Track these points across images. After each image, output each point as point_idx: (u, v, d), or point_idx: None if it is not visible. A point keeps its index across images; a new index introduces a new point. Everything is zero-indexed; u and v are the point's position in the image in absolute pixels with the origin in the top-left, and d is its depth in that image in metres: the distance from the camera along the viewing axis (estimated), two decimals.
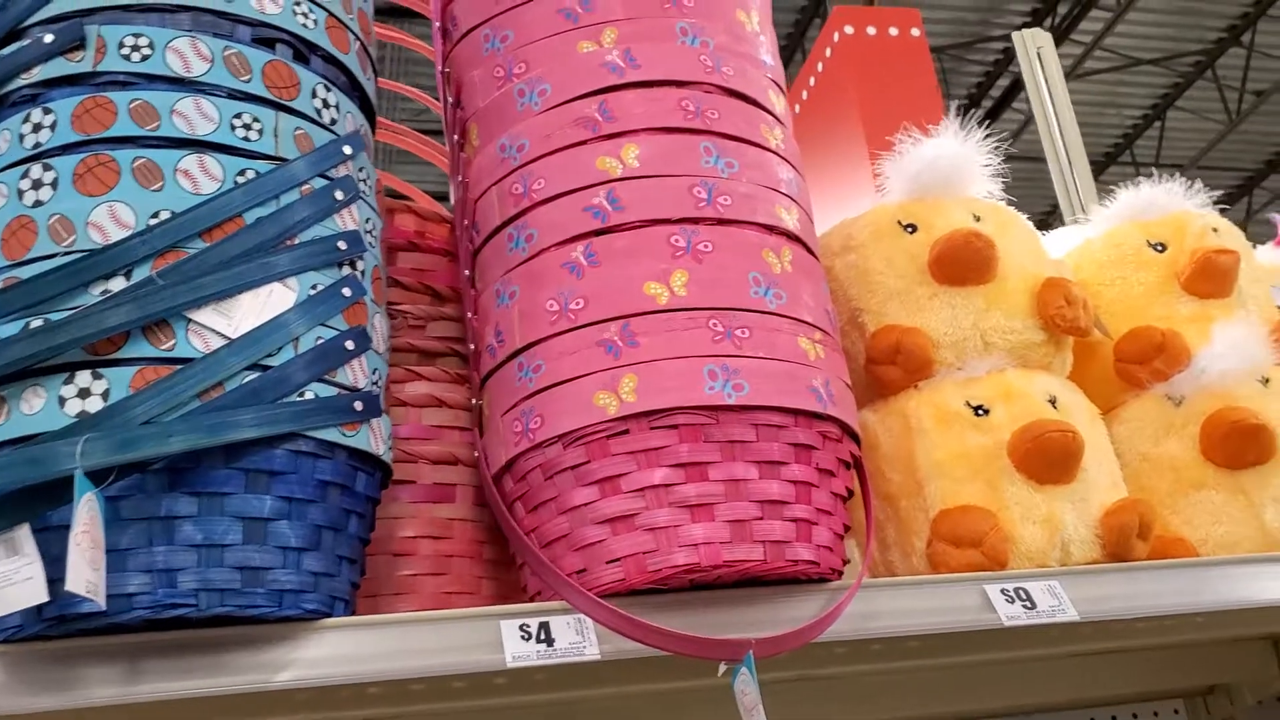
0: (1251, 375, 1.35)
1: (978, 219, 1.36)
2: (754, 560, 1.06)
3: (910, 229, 1.35)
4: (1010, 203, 1.41)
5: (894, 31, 5.05)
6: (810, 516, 1.10)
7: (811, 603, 1.09)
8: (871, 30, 5.04)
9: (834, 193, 4.59)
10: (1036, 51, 2.33)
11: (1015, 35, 2.45)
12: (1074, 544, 1.20)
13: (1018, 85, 9.42)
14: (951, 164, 1.36)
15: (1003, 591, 1.14)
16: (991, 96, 9.59)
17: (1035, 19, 8.89)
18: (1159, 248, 1.48)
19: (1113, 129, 10.31)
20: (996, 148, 1.38)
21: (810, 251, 1.21)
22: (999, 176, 1.39)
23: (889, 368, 1.30)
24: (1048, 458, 1.19)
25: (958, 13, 8.17)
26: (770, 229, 1.17)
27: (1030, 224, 1.42)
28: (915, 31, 5.08)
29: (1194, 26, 9.08)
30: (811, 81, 5.31)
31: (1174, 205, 1.52)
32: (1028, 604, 1.14)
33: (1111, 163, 10.53)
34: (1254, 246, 1.64)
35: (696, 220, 1.13)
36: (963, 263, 1.29)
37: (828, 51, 5.18)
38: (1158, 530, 1.34)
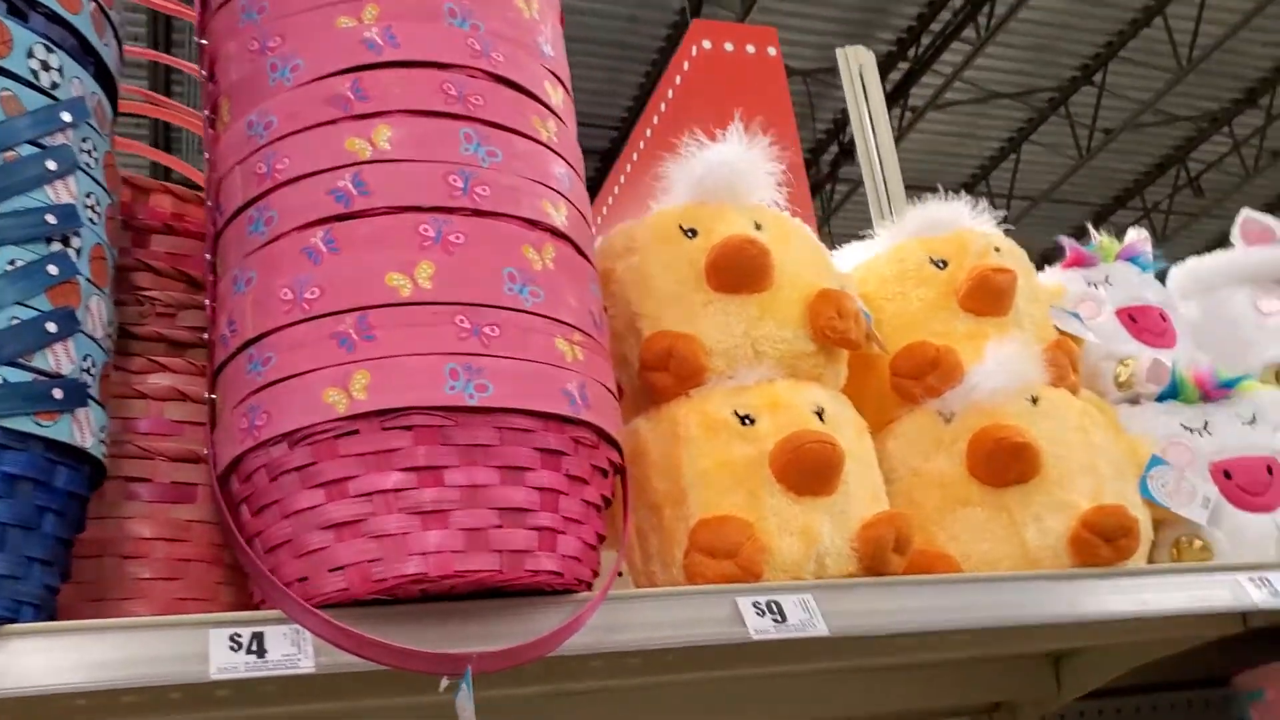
0: (1021, 394, 1.37)
1: (759, 227, 1.34)
2: (489, 570, 1.00)
3: (691, 234, 1.32)
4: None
5: (751, 49, 5.10)
6: (556, 525, 1.05)
7: (552, 615, 1.05)
8: (729, 46, 5.07)
9: None
10: (858, 69, 2.36)
11: (838, 52, 2.47)
12: (830, 557, 1.18)
13: None
14: (735, 170, 1.33)
15: (754, 604, 1.11)
16: None
17: (900, 48, 9.15)
18: (940, 264, 1.49)
19: (971, 159, 10.68)
20: (780, 156, 1.37)
21: (580, 251, 1.17)
22: (782, 186, 1.37)
23: (661, 374, 1.26)
24: (806, 469, 1.18)
25: (824, 38, 8.34)
26: (533, 224, 1.12)
27: (814, 235, 1.41)
28: (772, 50, 5.14)
29: (1049, 64, 9.48)
30: (670, 94, 5.32)
31: (959, 223, 1.53)
32: (778, 617, 1.11)
33: (969, 192, 10.87)
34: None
35: (450, 210, 1.08)
36: (736, 269, 1.27)
37: (685, 65, 5.20)
38: (923, 546, 1.34)
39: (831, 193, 10.49)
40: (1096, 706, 1.92)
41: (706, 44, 5.04)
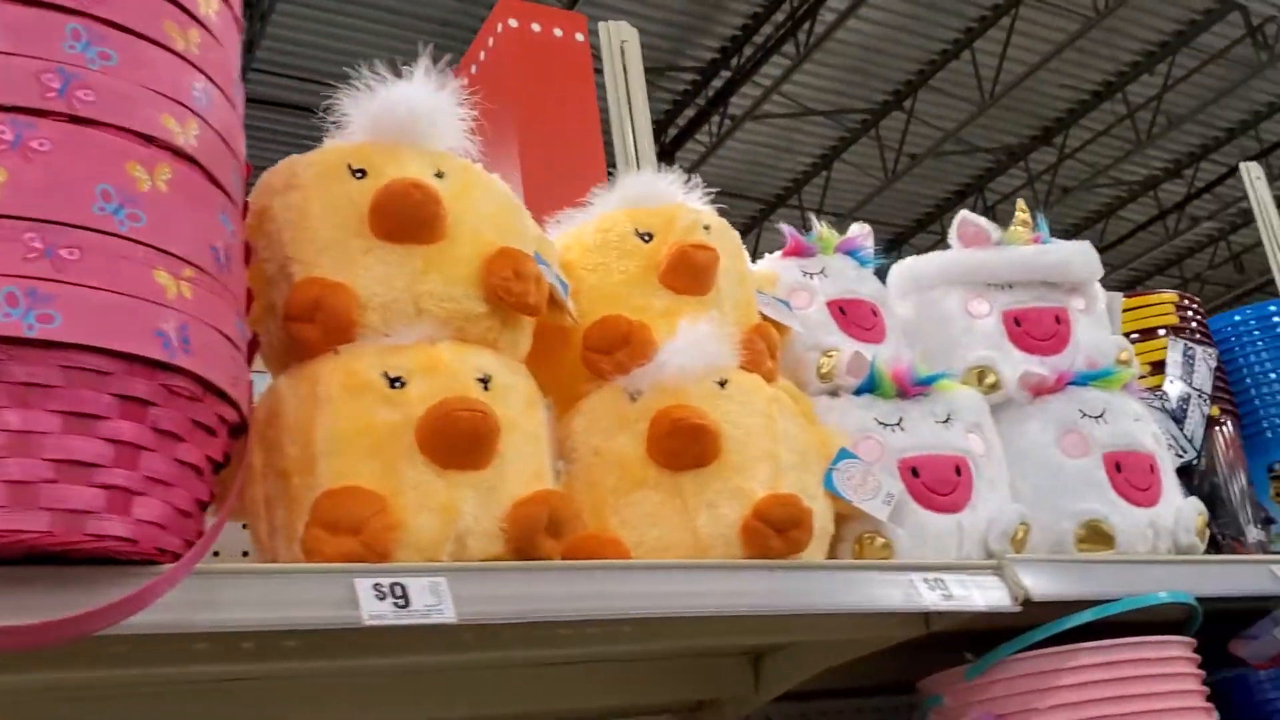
0: (709, 375, 1.30)
1: (440, 175, 1.22)
2: (36, 531, 0.86)
3: (360, 174, 1.20)
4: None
5: (558, 33, 5.00)
6: (133, 485, 0.91)
7: (119, 588, 0.90)
8: (536, 27, 4.96)
9: None
10: (619, 45, 2.29)
11: (601, 25, 2.40)
12: (472, 537, 1.08)
13: (703, 117, 9.78)
14: (415, 110, 1.22)
15: (375, 586, 1.00)
16: (677, 125, 9.87)
17: (723, 56, 9.25)
18: (646, 237, 1.41)
19: (786, 172, 10.89)
20: (471, 101, 1.26)
21: (213, 178, 1.03)
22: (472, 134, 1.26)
23: (307, 326, 1.13)
24: (451, 439, 1.07)
25: (650, 38, 8.33)
26: (147, 139, 0.97)
27: (510, 193, 1.31)
28: (580, 36, 5.05)
29: (862, 86, 9.75)
30: (473, 69, 5.16)
31: (670, 197, 1.46)
32: (401, 601, 1.00)
33: (781, 204, 11.11)
34: None
35: (40, 112, 0.92)
36: (399, 215, 1.15)
37: (490, 41, 5.06)
38: (597, 530, 1.26)
39: None
40: (799, 710, 1.89)
41: (513, 22, 4.91)
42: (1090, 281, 1.72)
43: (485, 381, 1.15)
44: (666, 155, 9.86)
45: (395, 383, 1.11)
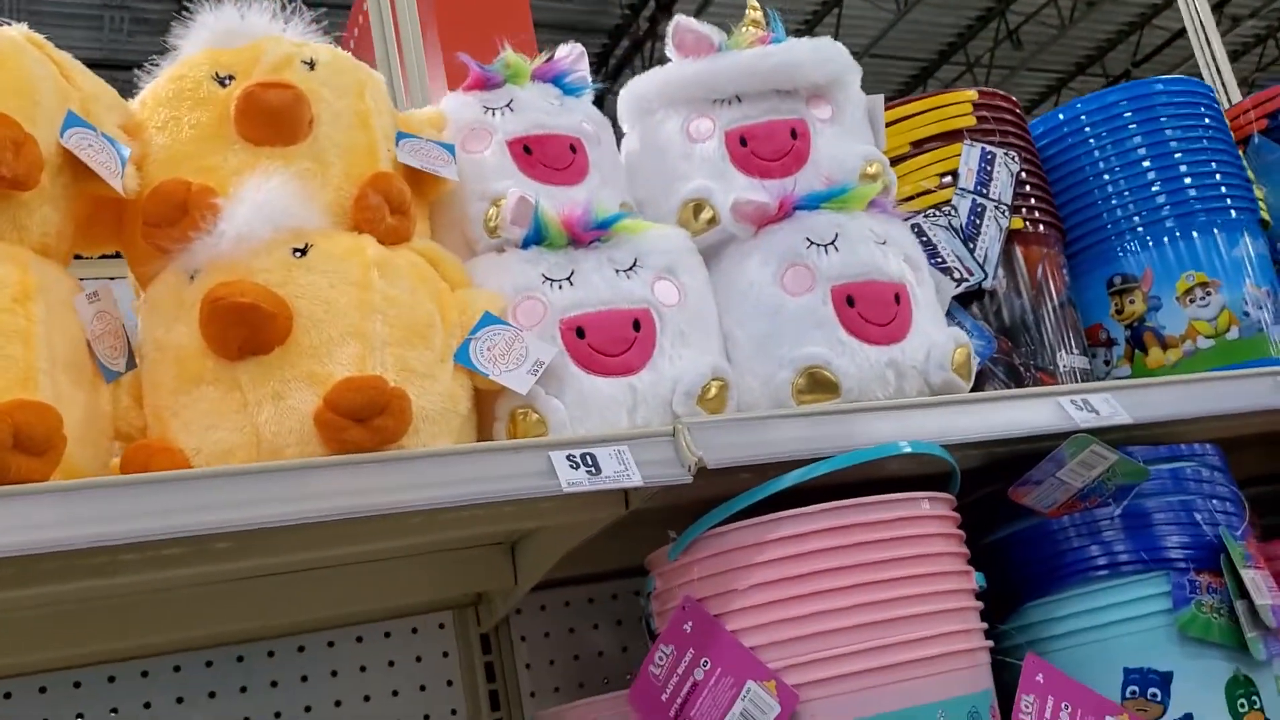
0: (284, 243, 1.08)
1: None
2: None
3: None
4: None
5: None
6: None
7: None
8: None
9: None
10: None
11: None
12: None
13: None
14: None
15: None
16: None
17: None
18: (225, 81, 1.17)
19: (795, 14, 10.34)
20: None
21: None
22: None
23: None
24: None
25: None
26: None
27: (45, 63, 1.08)
28: None
29: None
30: None
31: (262, 31, 1.21)
32: None
33: None
34: None
35: None
36: None
37: None
38: (156, 437, 1.07)
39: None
40: (563, 597, 1.74)
41: None
42: (837, 85, 1.44)
43: None
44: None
45: None
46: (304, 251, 1.09)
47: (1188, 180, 1.80)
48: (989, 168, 1.61)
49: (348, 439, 1.02)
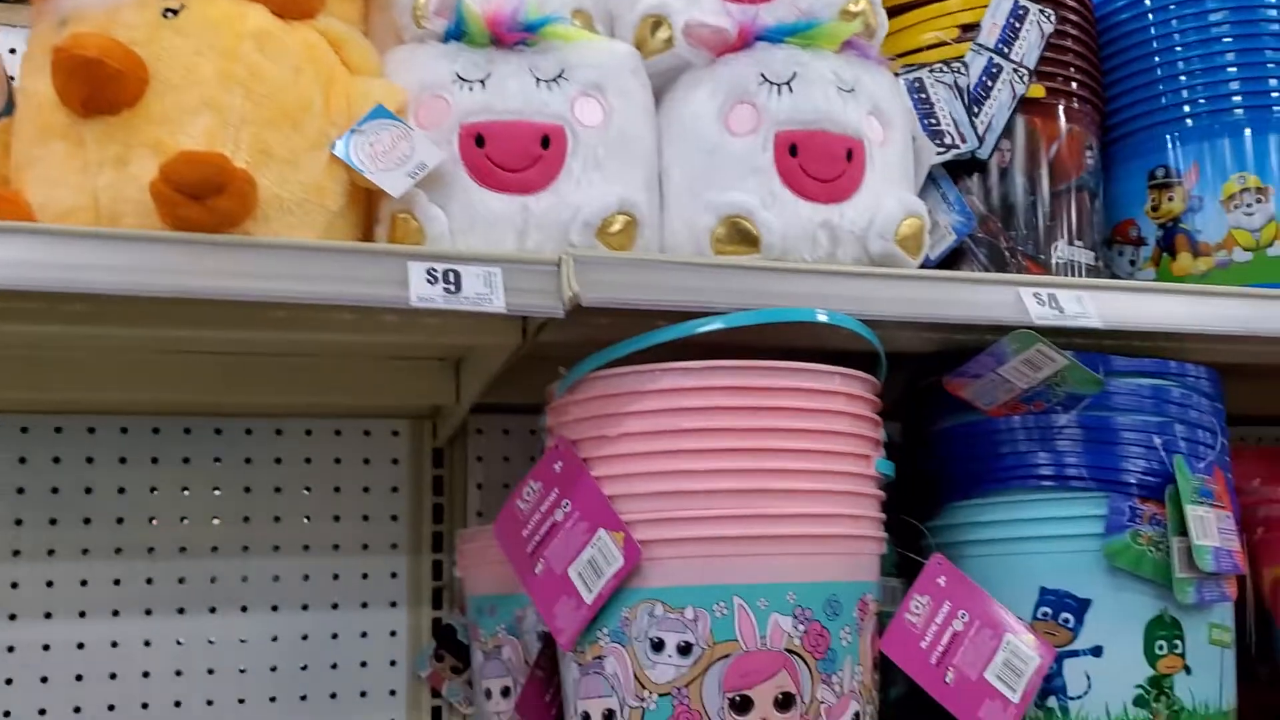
0: (158, 1, 1.01)
1: None
2: None
3: None
4: None
5: None
6: None
7: None
8: None
9: None
10: None
11: None
12: None
13: None
14: None
15: None
16: None
17: None
18: None
19: None
20: None
21: None
22: None
23: None
24: None
25: None
26: None
27: None
28: None
29: None
30: None
31: None
32: None
33: None
34: None
35: None
36: None
37: None
38: (13, 189, 1.04)
39: None
40: (529, 424, 1.72)
41: None
42: None
43: None
44: None
45: None
46: (176, 12, 1.02)
47: (1270, 66, 1.58)
48: (1017, 24, 1.42)
49: (181, 215, 0.97)
